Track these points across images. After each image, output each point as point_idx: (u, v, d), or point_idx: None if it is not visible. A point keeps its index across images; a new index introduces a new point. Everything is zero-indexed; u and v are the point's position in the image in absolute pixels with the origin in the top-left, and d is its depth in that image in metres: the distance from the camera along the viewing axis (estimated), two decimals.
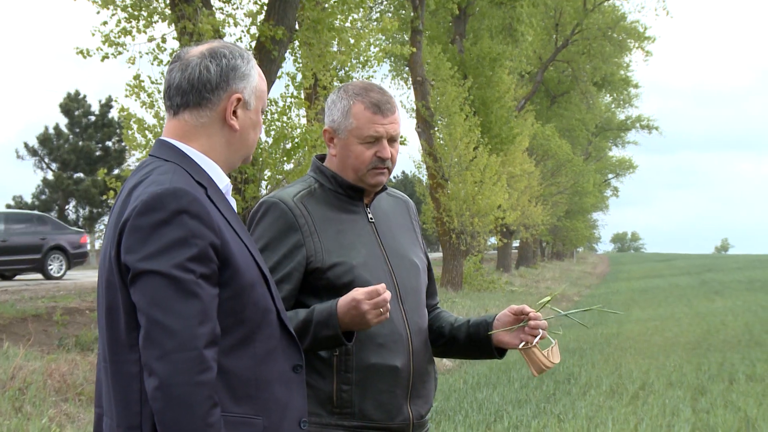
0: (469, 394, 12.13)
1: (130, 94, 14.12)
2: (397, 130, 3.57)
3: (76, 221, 57.10)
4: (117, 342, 2.71)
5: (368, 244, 3.55)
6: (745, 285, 36.19)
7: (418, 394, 3.58)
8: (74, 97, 56.95)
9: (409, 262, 3.64)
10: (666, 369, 13.98)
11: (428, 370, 3.65)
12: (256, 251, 2.87)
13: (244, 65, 2.89)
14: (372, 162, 3.52)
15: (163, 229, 2.61)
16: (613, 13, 49.05)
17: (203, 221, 2.65)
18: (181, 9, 14.01)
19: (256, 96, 2.92)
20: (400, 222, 3.74)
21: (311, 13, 14.99)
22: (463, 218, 30.48)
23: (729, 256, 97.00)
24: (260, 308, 2.78)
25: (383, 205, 3.71)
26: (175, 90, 2.88)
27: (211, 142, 2.87)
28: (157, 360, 2.55)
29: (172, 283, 2.58)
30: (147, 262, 2.60)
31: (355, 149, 3.52)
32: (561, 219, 65.27)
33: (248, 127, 2.91)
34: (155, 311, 2.57)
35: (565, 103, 58.26)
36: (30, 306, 16.32)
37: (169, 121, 2.92)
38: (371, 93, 3.54)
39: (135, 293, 2.62)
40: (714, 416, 10.07)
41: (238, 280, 2.72)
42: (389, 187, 3.80)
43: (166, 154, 2.84)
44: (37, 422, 9.01)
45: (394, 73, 44.36)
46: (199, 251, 2.63)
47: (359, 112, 3.51)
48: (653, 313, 25.68)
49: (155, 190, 2.66)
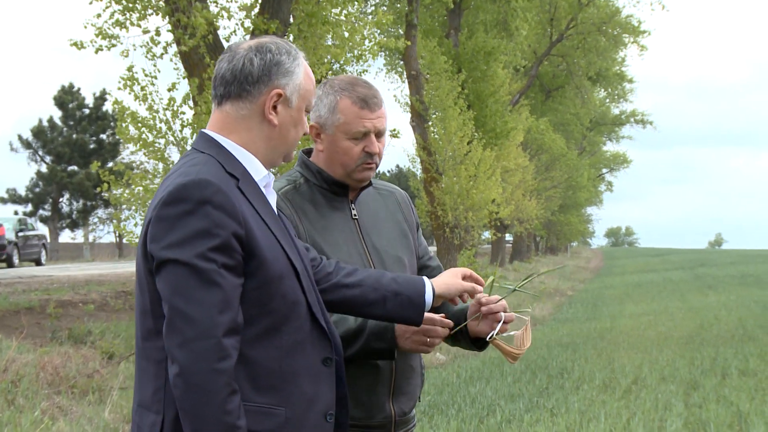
0: (461, 388, 12.13)
1: (123, 87, 14.08)
2: (384, 124, 3.54)
3: (69, 214, 57.06)
4: (146, 329, 2.77)
5: (350, 241, 3.52)
6: (738, 280, 36.24)
7: (401, 391, 3.57)
8: (68, 90, 56.89)
9: (393, 258, 3.60)
10: (659, 363, 14.00)
11: (412, 366, 3.63)
12: (288, 243, 2.89)
13: (289, 62, 2.91)
14: (361, 157, 3.49)
15: (186, 219, 2.66)
16: (608, 7, 48.97)
17: (227, 212, 2.69)
18: (174, 2, 13.97)
19: (300, 94, 2.93)
20: (387, 216, 3.70)
21: (305, 7, 14.95)
22: (457, 212, 30.47)
23: (722, 251, 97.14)
24: (289, 300, 2.81)
25: (368, 200, 3.68)
26: (219, 80, 2.93)
27: (250, 136, 2.90)
28: (178, 347, 2.60)
29: (193, 273, 2.63)
30: (170, 251, 2.65)
31: (343, 145, 3.49)
32: (555, 213, 65.32)
33: (288, 124, 2.92)
34: (177, 300, 2.62)
35: (559, 97, 58.21)
36: (23, 299, 16.31)
37: (213, 112, 2.97)
38: (358, 87, 3.50)
39: (159, 282, 2.68)
40: (706, 411, 10.09)
41: (264, 272, 2.75)
42: (378, 181, 3.79)
43: (204, 146, 2.89)
44: (30, 415, 9.00)
45: (388, 67, 44.29)
46: (222, 241, 2.67)
47: (346, 107, 3.47)
48: (647, 308, 25.71)
49: (181, 181, 2.71)
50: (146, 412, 2.76)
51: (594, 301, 29.80)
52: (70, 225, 58.22)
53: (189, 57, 14.42)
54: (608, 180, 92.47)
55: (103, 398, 10.30)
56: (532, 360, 14.70)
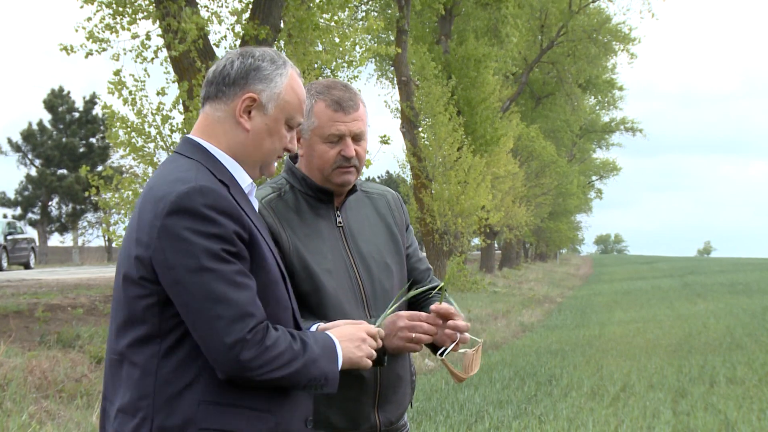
0: (450, 394, 12.13)
1: (111, 92, 14.07)
2: (362, 127, 3.48)
3: (59, 218, 56.95)
4: (134, 335, 2.75)
5: (335, 249, 3.48)
6: (727, 288, 36.29)
7: (387, 401, 3.55)
8: (58, 93, 56.82)
9: (381, 265, 3.56)
10: (647, 371, 14.01)
11: (400, 375, 3.60)
12: (275, 250, 2.91)
13: (270, 69, 2.90)
14: (336, 161, 3.44)
15: (197, 227, 2.64)
16: (598, 15, 49.14)
17: (232, 217, 2.69)
18: (165, 6, 13.97)
19: (278, 104, 2.89)
20: (376, 222, 3.65)
21: (296, 12, 14.97)
22: (446, 218, 30.49)
23: (711, 259, 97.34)
24: (281, 305, 2.84)
25: (357, 205, 3.64)
26: (204, 82, 2.95)
27: (228, 139, 2.88)
28: (222, 345, 2.62)
29: (219, 277, 2.63)
30: (189, 261, 2.63)
31: (319, 148, 3.45)
32: (544, 220, 65.38)
33: (262, 131, 2.88)
34: (208, 304, 2.62)
35: (549, 104, 58.34)
36: (12, 302, 16.26)
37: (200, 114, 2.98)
38: (333, 91, 3.46)
39: (181, 293, 2.65)
40: (694, 419, 10.10)
41: (264, 276, 2.77)
42: (370, 184, 3.75)
43: (190, 152, 2.87)
44: (17, 419, 8.97)
45: (379, 73, 44.40)
46: (234, 247, 2.67)
47: (320, 110, 3.43)
48: (635, 315, 25.73)
49: (182, 189, 2.68)
50: (128, 417, 2.74)
51: (583, 308, 29.82)
52: (59, 229, 58.12)
53: (179, 62, 14.41)
54: (598, 187, 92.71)
55: (91, 402, 10.27)
56: (521, 367, 14.71)
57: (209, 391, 2.68)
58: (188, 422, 2.67)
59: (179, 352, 2.69)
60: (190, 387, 2.68)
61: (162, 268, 2.66)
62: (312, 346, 2.75)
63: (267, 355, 2.64)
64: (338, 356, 2.83)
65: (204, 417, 2.67)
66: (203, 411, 2.67)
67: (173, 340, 2.70)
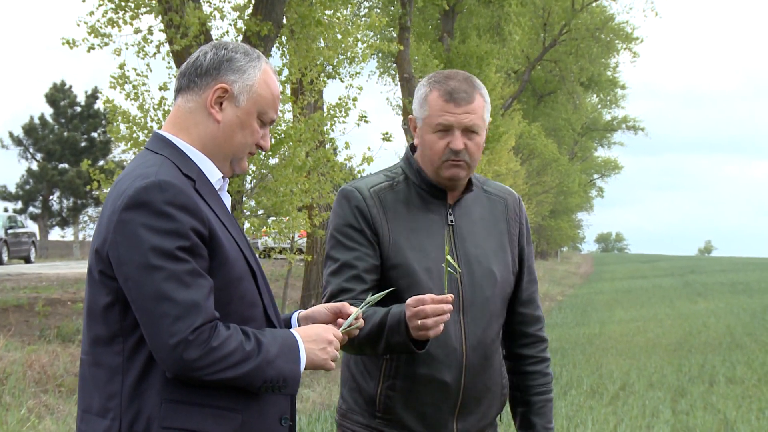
0: None
1: (113, 86, 14.06)
2: (475, 121, 3.33)
3: (60, 212, 56.98)
4: (97, 334, 2.71)
5: (440, 247, 3.33)
6: (727, 287, 36.28)
7: (469, 411, 3.41)
8: (60, 88, 56.80)
9: (485, 270, 3.40)
10: (647, 370, 14.02)
11: (488, 386, 3.44)
12: (245, 244, 2.85)
13: (244, 61, 2.84)
14: (445, 153, 3.34)
15: (151, 222, 2.59)
16: (601, 13, 49.09)
17: (191, 213, 2.64)
18: (167, 1, 13.95)
19: (251, 97, 2.83)
20: (489, 225, 3.50)
21: (298, 8, 14.95)
22: None
23: (712, 258, 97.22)
24: (247, 302, 2.78)
25: (474, 205, 3.49)
26: (178, 74, 2.90)
27: (198, 132, 2.82)
28: (166, 344, 2.55)
29: (170, 276, 2.57)
30: (140, 257, 2.58)
31: (428, 138, 3.38)
32: (546, 218, 65.38)
33: (234, 124, 2.82)
34: (152, 304, 2.56)
35: (551, 102, 58.32)
36: (12, 296, 16.28)
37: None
38: (450, 81, 3.36)
39: (132, 289, 2.60)
40: (693, 418, 10.11)
41: (225, 272, 2.71)
42: (494, 183, 3.61)
43: (158, 147, 2.82)
44: (16, 413, 8.98)
45: (381, 70, 44.32)
46: (190, 243, 2.62)
47: (433, 99, 3.35)
48: (636, 314, 25.74)
49: (141, 184, 2.63)
50: (95, 419, 2.71)
51: (583, 307, 29.82)
52: (60, 223, 58.13)
53: (181, 56, 14.38)
54: (599, 186, 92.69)
55: None
56: None
57: (172, 390, 2.63)
58: (151, 421, 2.63)
59: (144, 350, 2.65)
60: (154, 385, 2.64)
61: (116, 263, 2.62)
62: (267, 346, 2.67)
63: (213, 356, 2.57)
64: (300, 357, 2.74)
65: (166, 415, 2.63)
66: (165, 409, 2.63)
67: (137, 338, 2.66)
